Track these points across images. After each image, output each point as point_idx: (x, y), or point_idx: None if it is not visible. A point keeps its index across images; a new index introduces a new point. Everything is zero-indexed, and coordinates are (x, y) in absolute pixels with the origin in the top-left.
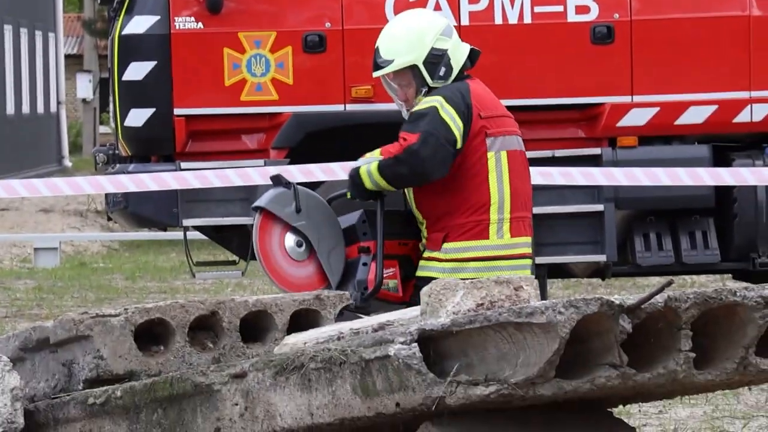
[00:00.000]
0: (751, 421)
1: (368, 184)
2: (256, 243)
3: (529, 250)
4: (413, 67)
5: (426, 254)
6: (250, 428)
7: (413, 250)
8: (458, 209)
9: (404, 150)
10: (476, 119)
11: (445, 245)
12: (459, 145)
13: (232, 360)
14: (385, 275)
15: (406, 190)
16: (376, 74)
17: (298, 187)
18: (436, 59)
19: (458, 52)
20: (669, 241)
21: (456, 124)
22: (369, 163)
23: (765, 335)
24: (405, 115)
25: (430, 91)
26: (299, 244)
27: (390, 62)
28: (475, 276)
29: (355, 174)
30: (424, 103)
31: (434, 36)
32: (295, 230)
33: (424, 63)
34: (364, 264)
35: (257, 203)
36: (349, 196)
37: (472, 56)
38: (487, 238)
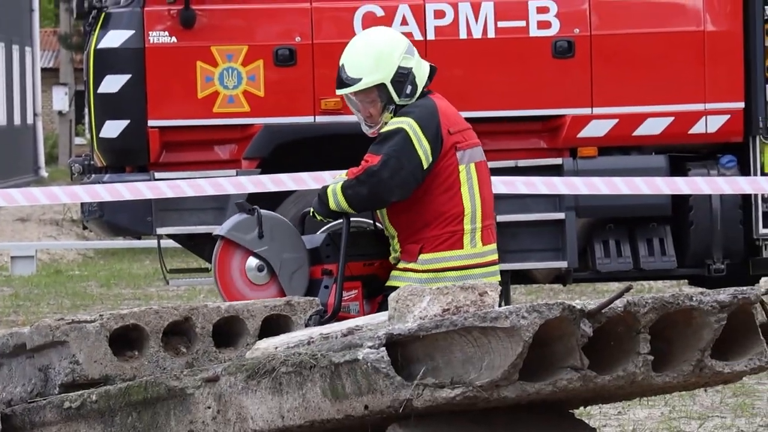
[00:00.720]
0: (706, 422)
1: (332, 204)
2: (215, 271)
3: (497, 257)
4: (380, 86)
5: (401, 265)
6: (222, 431)
7: (380, 269)
8: (433, 221)
9: (364, 171)
10: (446, 136)
11: (422, 256)
12: (425, 166)
13: (205, 364)
14: (346, 297)
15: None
16: (341, 92)
17: (262, 211)
18: (403, 78)
19: (421, 70)
20: (627, 248)
21: (423, 148)
22: (336, 182)
23: (720, 339)
24: (366, 129)
25: (397, 109)
26: (260, 269)
27: (358, 80)
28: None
29: (323, 193)
30: (393, 123)
31: (400, 55)
32: (257, 255)
33: (392, 81)
34: (326, 287)
35: (218, 231)
36: (312, 213)
37: (431, 73)
38: (462, 248)
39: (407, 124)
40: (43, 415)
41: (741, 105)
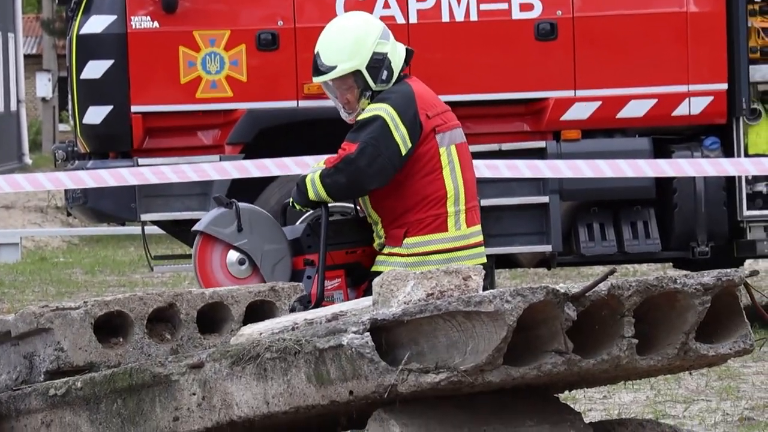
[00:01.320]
0: (691, 405)
1: (311, 193)
2: (195, 267)
3: (482, 238)
4: (356, 72)
5: (386, 250)
6: (208, 417)
7: (363, 256)
8: (416, 206)
9: (342, 159)
10: (425, 120)
11: (407, 240)
12: (403, 152)
13: (190, 351)
14: (329, 287)
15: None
16: (317, 80)
17: (241, 204)
18: (378, 63)
19: (396, 54)
20: (612, 232)
21: (401, 134)
22: (315, 171)
23: (704, 321)
24: (344, 116)
25: (374, 95)
26: (241, 262)
27: (333, 68)
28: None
29: (301, 182)
30: (370, 110)
31: (374, 40)
32: (238, 249)
33: (367, 68)
34: (308, 277)
35: (197, 227)
36: (291, 204)
37: (407, 56)
38: (447, 230)
39: (384, 110)
40: (28, 402)
41: (724, 86)
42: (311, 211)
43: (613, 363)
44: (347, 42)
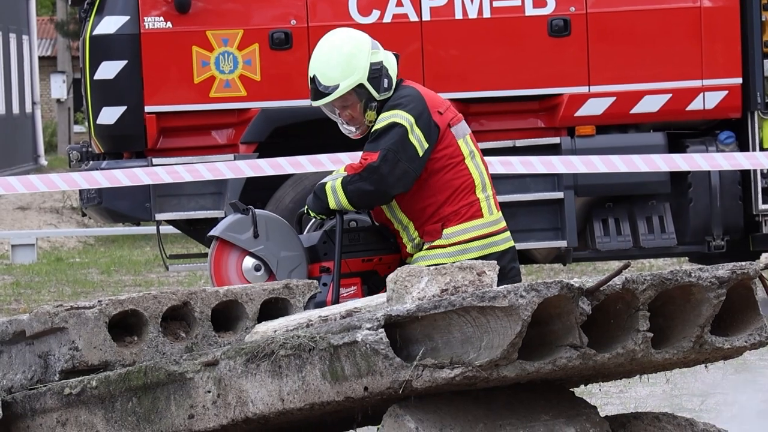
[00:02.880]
0: (708, 399)
1: (331, 201)
2: (211, 272)
3: (505, 224)
4: (358, 87)
5: (426, 246)
6: (223, 415)
7: (379, 265)
8: (449, 199)
9: (365, 168)
10: (438, 118)
11: (446, 231)
12: (421, 154)
13: (205, 349)
14: (345, 293)
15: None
16: (319, 102)
17: (257, 211)
18: (377, 73)
19: (389, 62)
20: (627, 226)
21: (417, 138)
22: (335, 179)
23: (719, 314)
24: (347, 131)
25: (379, 104)
26: (257, 268)
27: (335, 87)
28: (480, 255)
29: (320, 190)
30: (385, 119)
31: (368, 52)
32: (254, 255)
33: (369, 80)
34: (324, 284)
35: (213, 232)
36: (306, 211)
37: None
38: (482, 216)
39: (399, 116)
40: (43, 401)
41: (739, 81)
42: (325, 220)
43: (628, 357)
44: (343, 59)
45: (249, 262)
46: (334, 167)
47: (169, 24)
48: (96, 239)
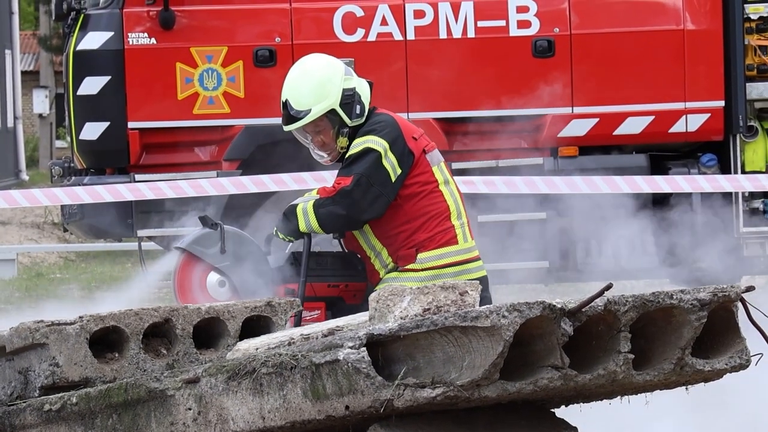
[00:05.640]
0: (687, 418)
1: (302, 224)
2: (175, 283)
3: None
4: (330, 112)
5: (398, 270)
6: None
7: (344, 291)
8: (423, 225)
9: (338, 192)
10: (413, 144)
11: (420, 255)
12: (393, 179)
13: (186, 366)
14: (308, 317)
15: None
16: (291, 127)
17: (226, 227)
18: (349, 99)
19: (362, 88)
20: (609, 247)
21: (391, 164)
22: (306, 201)
23: (700, 337)
24: (318, 158)
25: (353, 131)
26: (221, 284)
27: (307, 112)
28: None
29: (290, 212)
30: (359, 144)
31: (341, 77)
32: (219, 271)
33: (341, 105)
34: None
35: (179, 244)
36: (275, 233)
37: (370, 88)
38: (457, 243)
39: (372, 142)
40: (23, 417)
41: (721, 104)
42: (293, 242)
43: (609, 378)
44: (315, 84)
45: (213, 277)
46: (317, 185)
47: (153, 40)
48: (77, 255)
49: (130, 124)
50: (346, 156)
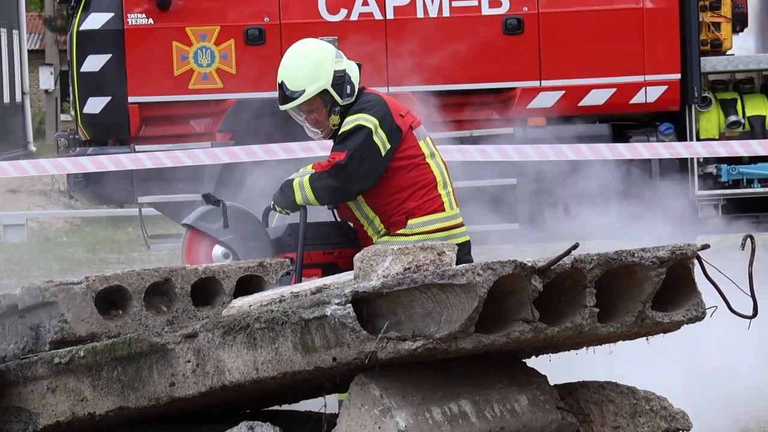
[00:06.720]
0: (648, 369)
1: (298, 197)
2: (183, 257)
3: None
4: (323, 92)
5: (390, 235)
6: (201, 383)
7: (339, 258)
8: (412, 195)
9: (333, 166)
10: (400, 120)
11: (410, 221)
12: (383, 153)
13: (185, 322)
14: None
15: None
16: (287, 106)
17: (227, 203)
18: (340, 80)
19: (352, 70)
20: (575, 210)
21: (381, 139)
22: (302, 176)
23: (660, 291)
24: (312, 135)
25: (343, 109)
26: (226, 256)
27: (302, 92)
28: None
29: (287, 186)
30: (350, 122)
31: (332, 60)
32: (223, 244)
33: (333, 86)
34: (287, 273)
35: (185, 221)
36: (273, 206)
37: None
38: (444, 210)
39: (364, 119)
40: (34, 370)
41: (678, 76)
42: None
43: (576, 330)
44: (309, 66)
45: (218, 250)
46: (304, 155)
47: (150, 20)
48: (82, 220)
49: (130, 99)
50: (339, 133)
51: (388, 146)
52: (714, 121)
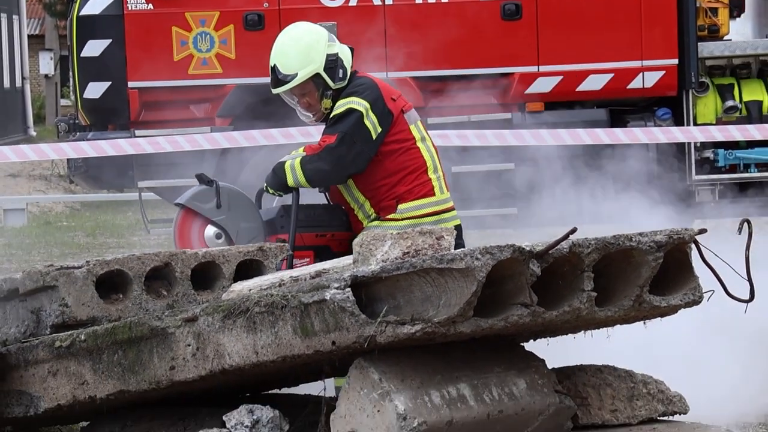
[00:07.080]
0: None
1: (290, 179)
2: (175, 237)
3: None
4: (315, 76)
5: (380, 220)
6: (202, 366)
7: (331, 240)
8: (403, 179)
9: (324, 148)
10: (392, 104)
11: (401, 206)
12: (374, 137)
13: (185, 306)
14: (299, 264)
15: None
16: (279, 90)
17: (220, 183)
18: (333, 64)
19: (344, 54)
20: (573, 194)
21: (372, 122)
22: (294, 158)
23: (657, 276)
24: (304, 118)
25: (335, 93)
26: (218, 236)
27: (294, 76)
28: None
29: (278, 168)
30: (342, 105)
31: (325, 44)
32: (216, 224)
33: (325, 69)
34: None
35: (179, 200)
36: (265, 188)
37: (351, 54)
38: (434, 195)
39: (355, 102)
40: (36, 353)
41: (675, 62)
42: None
43: (574, 314)
44: (301, 50)
45: (211, 230)
46: (303, 140)
47: (150, 6)
48: (82, 204)
49: (130, 84)
50: (331, 116)
51: (379, 130)
52: (711, 106)
